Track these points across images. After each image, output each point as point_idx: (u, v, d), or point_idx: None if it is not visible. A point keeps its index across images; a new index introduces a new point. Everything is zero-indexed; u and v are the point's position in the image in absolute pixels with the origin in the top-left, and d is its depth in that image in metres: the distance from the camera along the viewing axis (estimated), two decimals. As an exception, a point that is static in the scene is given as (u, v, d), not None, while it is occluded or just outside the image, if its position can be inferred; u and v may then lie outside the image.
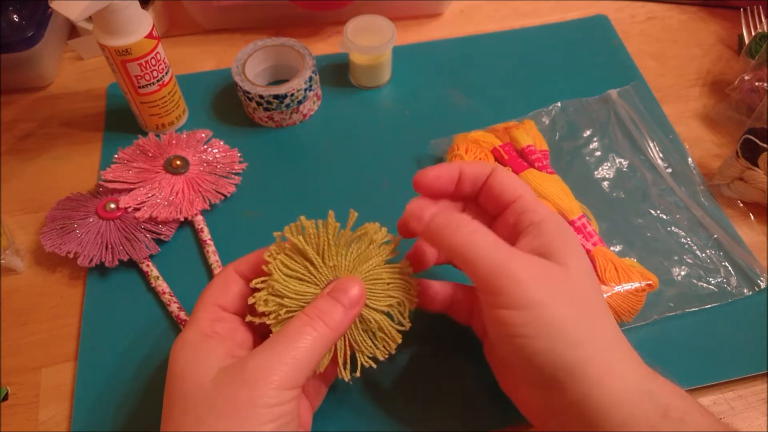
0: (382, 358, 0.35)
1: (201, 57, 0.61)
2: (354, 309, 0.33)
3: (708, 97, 0.57)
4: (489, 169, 0.36)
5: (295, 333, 0.31)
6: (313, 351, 0.31)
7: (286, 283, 0.34)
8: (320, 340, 0.31)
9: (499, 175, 0.36)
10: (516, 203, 0.35)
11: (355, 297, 0.33)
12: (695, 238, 0.46)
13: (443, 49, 0.60)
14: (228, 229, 0.48)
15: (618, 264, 0.42)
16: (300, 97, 0.52)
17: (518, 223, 0.34)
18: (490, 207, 0.37)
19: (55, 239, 0.45)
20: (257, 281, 0.34)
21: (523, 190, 0.35)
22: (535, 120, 0.52)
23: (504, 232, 0.35)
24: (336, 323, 0.32)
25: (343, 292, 0.33)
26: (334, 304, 0.32)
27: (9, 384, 0.42)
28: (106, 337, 0.43)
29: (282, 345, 0.30)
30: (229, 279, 0.35)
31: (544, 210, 0.34)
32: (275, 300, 0.33)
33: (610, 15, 0.63)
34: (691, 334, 0.42)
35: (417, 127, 0.54)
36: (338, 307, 0.32)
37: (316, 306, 0.32)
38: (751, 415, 0.40)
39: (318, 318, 0.31)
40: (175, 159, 0.49)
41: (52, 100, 0.58)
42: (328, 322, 0.31)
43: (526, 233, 0.34)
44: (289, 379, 0.30)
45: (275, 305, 0.33)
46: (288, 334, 0.31)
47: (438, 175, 0.36)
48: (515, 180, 0.36)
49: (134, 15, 0.45)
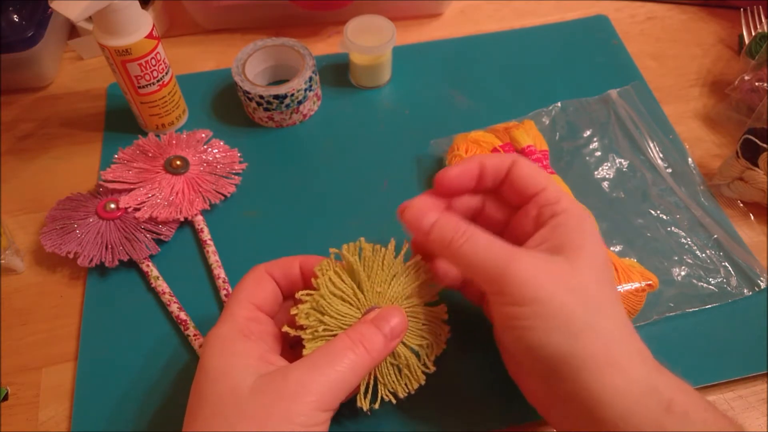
0: (403, 395, 0.35)
1: (201, 57, 0.61)
2: (394, 341, 0.33)
3: (708, 97, 0.57)
4: (510, 161, 0.36)
5: (337, 354, 0.31)
6: (352, 375, 0.31)
7: (330, 300, 0.34)
8: (359, 365, 0.31)
9: (521, 168, 0.36)
10: (539, 196, 0.35)
11: (397, 328, 0.33)
12: (695, 238, 0.46)
13: (443, 49, 0.60)
14: (228, 229, 0.48)
15: (618, 264, 0.42)
16: (300, 97, 0.52)
17: (540, 215, 0.34)
18: (513, 199, 0.37)
19: (55, 239, 0.45)
20: (303, 293, 0.34)
21: (546, 182, 0.35)
22: (535, 120, 0.52)
23: (526, 223, 0.35)
24: (376, 351, 0.32)
25: (386, 322, 0.33)
26: (377, 332, 0.32)
27: (9, 384, 0.42)
28: (106, 337, 0.43)
29: (323, 364, 0.30)
30: (262, 279, 0.35)
31: (566, 201, 0.34)
32: (316, 315, 0.33)
33: (610, 15, 0.63)
34: (691, 334, 0.42)
35: (417, 127, 0.54)
36: (380, 335, 0.32)
37: (359, 331, 0.32)
38: (751, 415, 0.40)
39: (360, 343, 0.31)
40: (175, 159, 0.49)
41: (52, 100, 0.58)
42: (369, 348, 0.31)
43: (544, 225, 0.34)
44: (325, 401, 0.30)
45: (315, 320, 0.33)
46: (330, 354, 0.31)
47: (460, 173, 0.36)
48: (538, 172, 0.36)
49: (134, 15, 0.45)
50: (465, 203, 0.38)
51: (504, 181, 0.36)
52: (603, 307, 0.32)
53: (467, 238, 0.33)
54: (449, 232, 0.33)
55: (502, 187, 0.37)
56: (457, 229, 0.33)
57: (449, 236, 0.33)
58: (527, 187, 0.35)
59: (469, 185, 0.37)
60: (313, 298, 0.34)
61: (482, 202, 0.38)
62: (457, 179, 0.36)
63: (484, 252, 0.32)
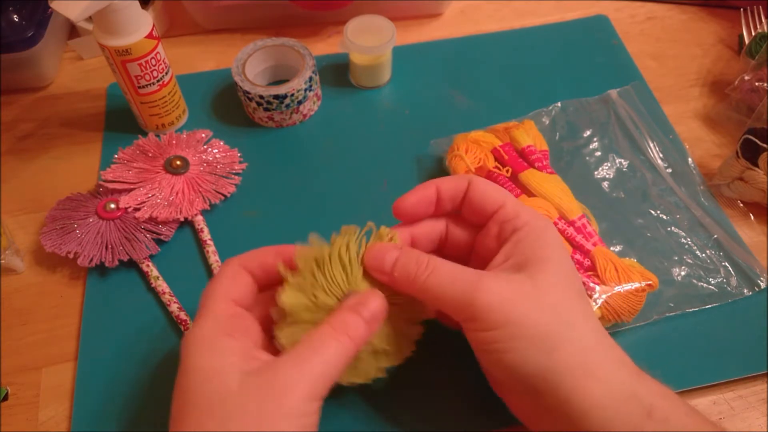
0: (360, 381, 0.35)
1: (201, 57, 0.61)
2: (375, 324, 0.33)
3: (708, 97, 0.57)
4: (466, 182, 0.36)
5: (322, 344, 0.31)
6: (338, 363, 0.31)
7: (313, 282, 0.34)
8: (344, 353, 0.31)
9: (477, 187, 0.36)
10: (498, 213, 0.35)
11: (377, 312, 0.33)
12: (695, 238, 0.46)
13: (443, 49, 0.60)
14: (228, 229, 0.48)
15: (618, 264, 0.42)
16: (300, 97, 0.52)
17: (501, 232, 0.35)
18: (474, 219, 0.37)
19: (55, 239, 0.45)
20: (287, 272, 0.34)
21: (504, 198, 0.35)
22: (535, 120, 0.52)
23: (489, 241, 0.36)
24: (359, 337, 0.32)
25: (365, 307, 0.33)
26: (358, 318, 0.32)
27: (9, 384, 0.42)
28: (106, 337, 0.43)
29: (309, 355, 0.30)
30: (237, 273, 0.35)
31: (526, 215, 0.35)
32: (299, 296, 0.33)
33: (610, 15, 0.63)
34: (691, 334, 0.42)
35: (417, 127, 0.54)
36: (361, 321, 0.32)
37: (341, 319, 0.32)
38: (751, 415, 0.40)
39: (343, 331, 0.31)
40: (175, 159, 0.49)
41: (52, 100, 0.58)
42: (352, 335, 0.31)
43: (506, 242, 0.34)
44: (315, 390, 0.30)
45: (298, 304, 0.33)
46: (314, 345, 0.31)
47: (416, 200, 0.36)
48: (495, 189, 0.36)
49: (134, 15, 0.45)
50: (429, 229, 0.38)
51: (463, 202, 0.37)
52: (574, 319, 0.32)
53: (431, 271, 0.33)
54: (412, 267, 0.33)
55: (462, 209, 0.37)
56: (420, 263, 0.33)
57: (413, 272, 0.33)
58: (485, 206, 0.36)
59: (428, 211, 0.37)
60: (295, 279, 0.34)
61: (446, 226, 0.38)
62: (414, 207, 0.36)
63: (449, 283, 0.32)
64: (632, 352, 0.41)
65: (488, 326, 0.31)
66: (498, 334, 0.31)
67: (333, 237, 0.35)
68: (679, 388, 0.40)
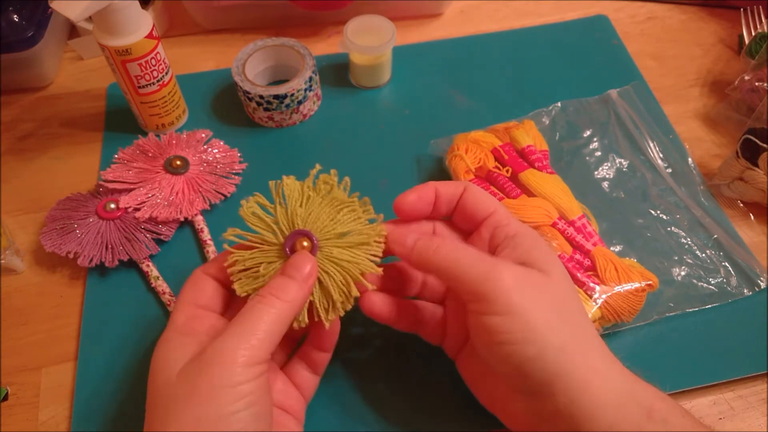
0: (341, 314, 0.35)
1: (201, 57, 0.61)
2: (309, 281, 0.33)
3: (708, 97, 0.57)
4: (462, 187, 0.37)
5: (249, 312, 0.31)
6: (270, 325, 0.31)
7: (253, 222, 0.35)
8: (276, 315, 0.31)
9: (472, 193, 0.37)
10: (490, 218, 0.36)
11: (309, 274, 0.33)
12: (695, 238, 0.46)
13: (443, 49, 0.60)
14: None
15: (618, 264, 0.42)
16: (300, 97, 0.52)
17: (494, 237, 0.35)
18: (465, 224, 0.38)
19: (55, 239, 0.45)
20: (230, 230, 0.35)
21: (496, 205, 0.36)
22: (535, 120, 0.52)
23: (480, 246, 0.36)
24: (290, 296, 0.32)
25: (296, 269, 0.33)
26: (287, 280, 0.32)
27: (9, 384, 0.42)
28: (106, 337, 0.43)
29: (237, 326, 0.31)
30: (198, 280, 0.35)
31: (517, 224, 0.35)
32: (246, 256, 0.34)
33: (610, 15, 0.63)
34: (691, 334, 0.42)
35: (417, 127, 0.54)
36: (291, 282, 0.32)
37: (269, 285, 0.32)
38: (751, 415, 0.40)
39: (270, 295, 0.32)
40: (175, 159, 0.49)
41: (52, 100, 0.58)
42: (282, 297, 0.32)
43: (504, 246, 0.34)
44: (251, 357, 0.30)
45: (242, 256, 0.34)
46: (243, 314, 0.31)
47: (417, 198, 0.37)
48: (487, 196, 0.37)
49: (134, 15, 0.45)
50: (418, 230, 0.38)
51: (456, 207, 0.37)
52: (577, 320, 0.32)
53: (454, 244, 0.33)
54: (434, 242, 0.34)
55: (454, 214, 0.38)
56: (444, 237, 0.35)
57: (434, 245, 0.34)
58: (478, 212, 0.36)
59: (426, 210, 0.37)
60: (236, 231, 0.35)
61: (433, 230, 0.38)
62: (414, 205, 0.37)
63: (469, 257, 0.32)
64: (632, 352, 0.42)
65: (501, 310, 0.30)
66: (512, 321, 0.30)
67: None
68: (679, 388, 0.40)
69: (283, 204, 0.36)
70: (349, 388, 0.40)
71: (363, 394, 0.40)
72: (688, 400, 0.40)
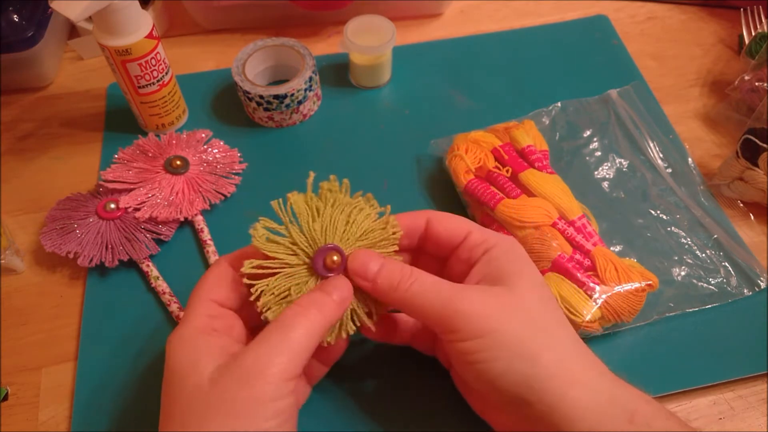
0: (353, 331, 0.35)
1: (201, 57, 0.61)
2: (344, 304, 0.33)
3: (708, 97, 0.57)
4: (423, 218, 0.36)
5: (289, 323, 0.31)
6: (308, 339, 0.31)
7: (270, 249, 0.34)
8: (314, 328, 0.31)
9: (438, 224, 0.36)
10: (467, 240, 0.35)
11: (345, 295, 0.33)
12: (695, 238, 0.46)
13: (443, 49, 0.60)
14: (228, 229, 0.48)
15: (618, 264, 0.42)
16: (300, 97, 0.52)
17: (472, 257, 0.35)
18: (440, 251, 0.37)
19: (55, 239, 0.45)
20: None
21: (468, 226, 0.36)
22: (535, 120, 0.52)
23: (459, 267, 0.36)
24: (328, 310, 0.32)
25: (334, 288, 0.33)
26: (326, 296, 0.32)
27: (9, 384, 0.42)
28: (106, 337, 0.43)
29: (276, 337, 0.30)
30: (223, 274, 0.35)
31: (493, 237, 0.35)
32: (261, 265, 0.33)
33: (610, 15, 0.63)
34: (691, 334, 0.42)
35: (417, 127, 0.54)
36: (329, 299, 0.32)
37: (309, 297, 0.32)
38: (751, 415, 0.40)
39: (310, 306, 0.31)
40: (175, 159, 0.49)
41: (52, 100, 0.58)
42: (321, 310, 0.32)
43: (477, 262, 0.35)
44: (286, 371, 0.30)
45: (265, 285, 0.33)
46: (281, 325, 0.31)
47: None
48: (457, 220, 0.36)
49: (134, 15, 0.45)
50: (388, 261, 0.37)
51: (425, 237, 0.37)
52: (551, 327, 0.32)
53: (414, 280, 0.33)
54: (396, 275, 0.33)
55: (427, 244, 0.37)
56: (404, 272, 0.33)
57: (396, 281, 0.33)
58: (452, 238, 0.36)
59: None
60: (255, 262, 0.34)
61: (411, 260, 0.38)
62: None
63: (432, 292, 0.32)
64: (632, 352, 0.42)
65: (469, 335, 0.31)
66: (480, 343, 0.31)
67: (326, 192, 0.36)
68: (679, 388, 0.40)
69: (294, 222, 0.35)
70: (348, 390, 0.40)
71: (362, 395, 0.40)
72: (688, 400, 0.40)
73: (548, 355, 0.31)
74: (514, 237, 0.43)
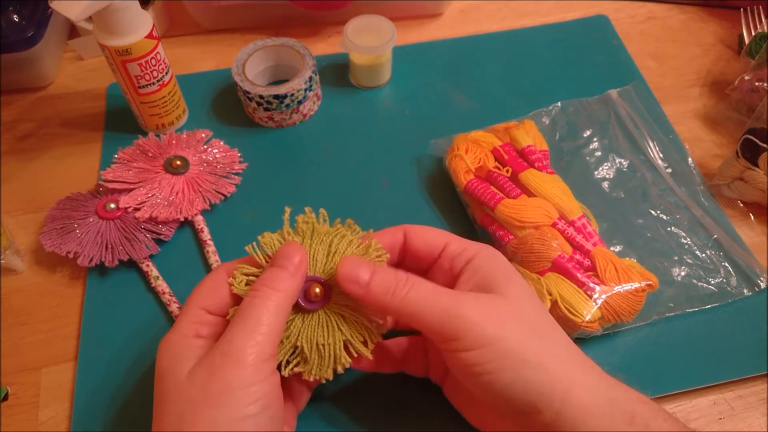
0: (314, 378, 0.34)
1: (201, 57, 0.61)
2: (300, 270, 0.33)
3: (708, 97, 0.57)
4: (400, 233, 0.36)
5: (248, 308, 0.31)
6: (273, 317, 0.31)
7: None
8: (275, 306, 0.31)
9: (416, 237, 0.36)
10: (446, 251, 0.35)
11: (298, 261, 0.33)
12: (695, 238, 0.46)
13: (443, 49, 0.60)
14: (228, 229, 0.48)
15: (618, 264, 0.42)
16: (300, 97, 0.52)
17: (454, 267, 0.35)
18: (421, 264, 0.37)
19: (55, 239, 0.45)
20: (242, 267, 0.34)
21: (445, 237, 0.36)
22: (535, 120, 0.52)
23: (441, 278, 0.36)
24: (284, 285, 0.32)
25: (284, 258, 0.33)
26: (277, 270, 0.32)
27: (9, 384, 0.42)
28: (106, 337, 0.43)
29: (239, 324, 0.30)
30: (218, 282, 0.35)
31: (473, 246, 0.35)
32: None
33: (610, 15, 0.63)
34: (690, 334, 0.42)
35: (417, 127, 0.54)
36: (281, 271, 0.32)
37: (260, 278, 0.32)
38: (751, 415, 0.40)
39: (264, 287, 0.31)
40: (175, 159, 0.49)
41: (52, 100, 0.58)
42: (275, 287, 0.31)
43: (463, 272, 0.34)
44: (261, 353, 0.30)
45: None
46: (242, 312, 0.31)
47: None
48: (434, 231, 0.36)
49: (134, 15, 0.45)
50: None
51: (404, 251, 0.37)
52: (547, 332, 0.32)
53: (411, 286, 0.32)
54: (391, 281, 0.32)
55: (406, 258, 0.37)
56: (398, 278, 0.32)
57: (392, 286, 0.32)
58: (431, 250, 0.36)
59: None
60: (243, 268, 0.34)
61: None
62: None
63: (432, 298, 0.31)
64: (632, 352, 0.42)
65: (473, 345, 0.30)
66: (485, 353, 0.30)
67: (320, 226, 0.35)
68: (679, 389, 0.40)
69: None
70: (345, 392, 0.40)
71: (362, 395, 0.40)
72: (688, 400, 0.40)
73: (552, 360, 0.31)
74: (514, 237, 0.43)
